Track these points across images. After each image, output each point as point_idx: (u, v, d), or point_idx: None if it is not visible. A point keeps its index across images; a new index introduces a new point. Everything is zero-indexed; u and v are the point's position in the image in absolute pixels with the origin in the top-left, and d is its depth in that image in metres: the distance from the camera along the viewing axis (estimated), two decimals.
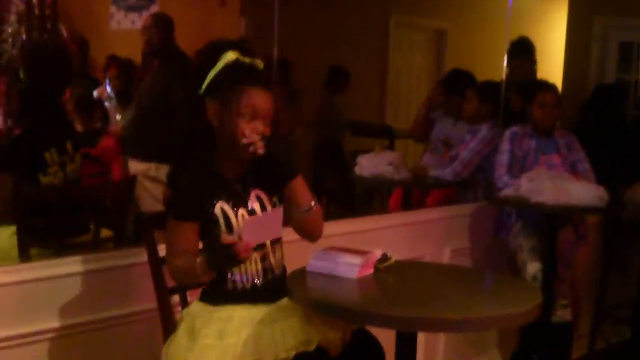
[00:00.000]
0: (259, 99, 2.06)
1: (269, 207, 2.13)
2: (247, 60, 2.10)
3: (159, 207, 3.53)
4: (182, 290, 2.33)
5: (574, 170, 3.72)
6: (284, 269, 2.20)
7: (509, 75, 4.39)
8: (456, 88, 4.30)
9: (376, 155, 4.11)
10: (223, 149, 2.11)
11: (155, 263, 2.27)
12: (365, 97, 6.33)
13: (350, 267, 2.04)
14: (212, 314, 2.09)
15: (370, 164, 4.01)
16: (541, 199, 3.37)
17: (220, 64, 2.07)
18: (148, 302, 2.40)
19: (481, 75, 4.42)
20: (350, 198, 4.77)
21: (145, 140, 3.82)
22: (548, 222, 3.55)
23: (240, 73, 2.08)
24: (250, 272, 2.14)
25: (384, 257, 2.18)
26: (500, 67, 4.43)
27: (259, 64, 2.13)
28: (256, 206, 2.13)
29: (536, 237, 3.71)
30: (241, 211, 2.09)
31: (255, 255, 2.13)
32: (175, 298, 2.32)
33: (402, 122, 6.02)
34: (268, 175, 2.13)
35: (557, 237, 3.57)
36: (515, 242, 3.77)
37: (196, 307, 2.15)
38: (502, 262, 3.86)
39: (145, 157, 3.81)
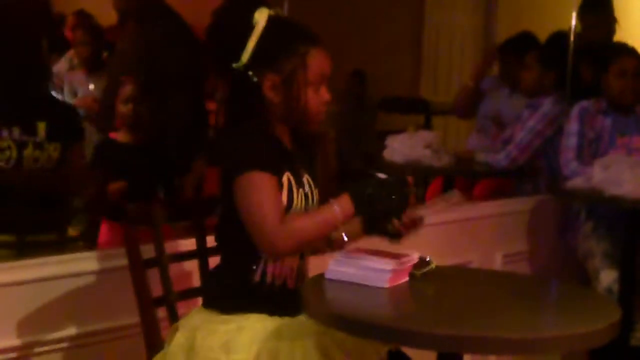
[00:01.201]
0: (326, 57, 2.11)
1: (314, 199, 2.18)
2: (277, 13, 2.12)
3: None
4: (170, 301, 2.34)
5: None
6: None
7: (579, 37, 4.37)
8: (513, 52, 4.29)
9: (410, 136, 4.11)
10: (286, 123, 2.14)
11: (138, 267, 2.28)
12: (396, 65, 6.33)
13: (380, 273, 2.04)
14: (218, 326, 2.10)
15: (403, 147, 4.02)
16: (619, 192, 3.37)
17: (259, 27, 2.07)
18: (128, 316, 2.41)
19: (544, 37, 4.41)
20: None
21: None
22: (627, 220, 3.54)
23: (291, 33, 2.10)
24: (286, 266, 2.15)
25: (423, 262, 2.18)
26: (568, 27, 4.40)
27: (282, 13, 2.16)
28: (309, 193, 2.16)
29: (611, 240, 3.70)
30: (301, 192, 2.12)
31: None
32: (162, 311, 2.33)
33: (442, 94, 6.03)
34: (314, 163, 2.22)
35: (639, 239, 3.56)
36: (586, 246, 3.77)
37: (198, 316, 2.17)
38: (568, 270, 3.86)
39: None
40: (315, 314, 1.99)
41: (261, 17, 2.08)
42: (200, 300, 2.29)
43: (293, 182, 2.12)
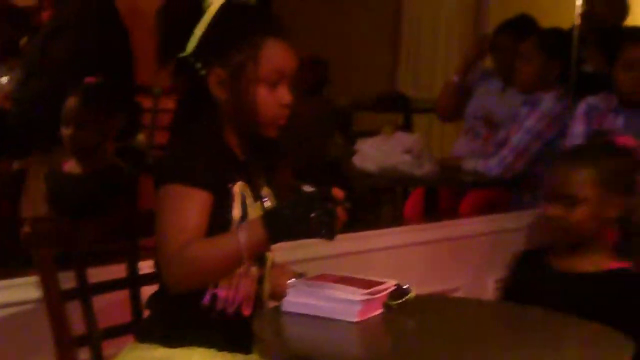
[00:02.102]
0: (285, 52, 2.11)
1: None
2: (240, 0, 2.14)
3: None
4: (94, 340, 2.31)
5: None
6: None
7: (585, 21, 4.39)
8: (507, 40, 4.30)
9: (386, 139, 4.11)
10: (234, 126, 2.15)
11: (54, 300, 2.24)
12: (370, 56, 6.36)
13: (348, 305, 2.03)
14: None
15: (377, 152, 4.02)
16: None
17: (209, 13, 2.09)
18: (42, 358, 2.37)
19: (544, 22, 4.43)
20: (348, 202, 4.77)
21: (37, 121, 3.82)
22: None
23: (245, 20, 2.11)
24: (242, 288, 2.14)
25: (400, 291, 2.16)
26: (572, 9, 4.43)
27: (252, 0, 2.18)
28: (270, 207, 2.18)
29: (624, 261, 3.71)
30: (257, 204, 2.14)
31: (254, 270, 2.15)
32: (85, 352, 2.29)
33: (423, 90, 6.06)
34: (273, 169, 2.23)
35: None
36: None
37: (131, 355, 2.16)
38: None
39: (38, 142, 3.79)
40: (270, 355, 1.97)
41: (216, 1, 2.10)
42: (131, 338, 2.25)
43: (248, 193, 2.12)
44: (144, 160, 4.81)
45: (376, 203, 5.17)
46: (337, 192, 1.97)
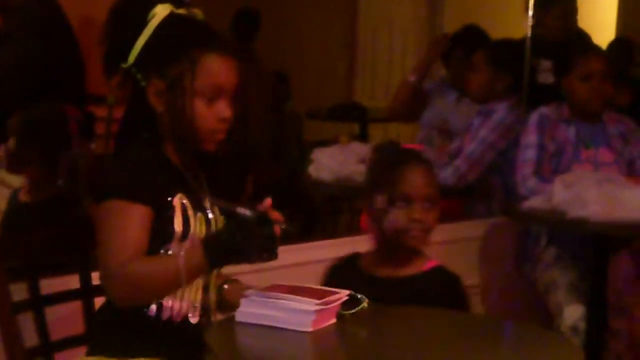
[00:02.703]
0: (222, 67, 2.13)
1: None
2: (183, 12, 2.15)
3: None
4: (47, 352, 2.30)
5: (632, 171, 3.77)
6: None
7: (536, 32, 4.43)
8: (458, 52, 4.32)
9: (341, 148, 4.11)
10: (171, 138, 2.16)
11: (6, 312, 2.23)
12: (325, 64, 6.35)
13: (302, 314, 2.03)
14: None
15: (333, 162, 4.01)
16: (584, 213, 3.40)
17: (151, 25, 2.12)
18: None
19: (496, 32, 4.46)
20: (303, 212, 4.76)
21: None
22: (595, 247, 3.58)
23: (185, 33, 2.12)
24: (186, 297, 2.15)
25: (353, 300, 2.17)
26: (524, 20, 4.46)
27: (199, 14, 2.19)
28: (213, 219, 2.19)
29: (576, 270, 3.74)
30: (199, 216, 2.14)
31: (198, 280, 2.15)
32: None
33: (379, 99, 6.06)
34: (225, 180, 2.22)
35: (608, 269, 3.60)
36: (547, 277, 3.80)
37: None
38: (526, 306, 3.89)
39: None
40: None
41: (160, 12, 2.12)
42: (84, 349, 2.24)
43: (188, 205, 2.13)
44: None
45: (334, 212, 5.16)
46: (275, 215, 1.99)
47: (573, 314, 3.65)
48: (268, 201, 2.03)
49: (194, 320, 2.17)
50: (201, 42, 2.12)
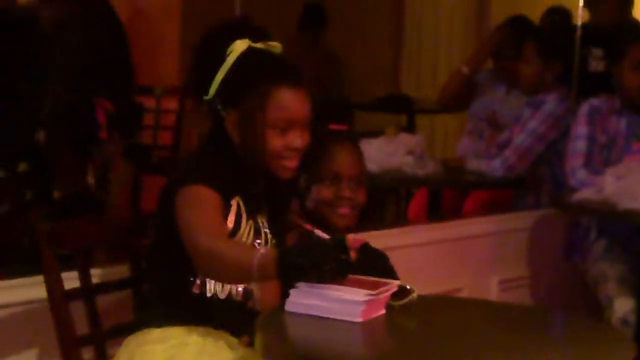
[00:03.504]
0: (293, 100, 2.23)
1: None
2: (261, 46, 2.25)
3: None
4: (98, 340, 2.34)
5: None
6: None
7: (588, 21, 4.39)
8: (507, 44, 4.30)
9: (389, 140, 4.11)
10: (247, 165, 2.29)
11: (58, 300, 2.26)
12: (372, 56, 6.34)
13: (352, 305, 2.03)
14: (156, 345, 2.14)
15: (380, 154, 4.01)
16: (635, 205, 3.38)
17: (230, 60, 2.23)
18: (47, 359, 2.38)
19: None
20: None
21: None
22: None
23: (259, 67, 2.22)
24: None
25: (403, 291, 2.17)
26: (575, 8, 4.43)
27: (277, 47, 2.29)
28: (262, 232, 2.29)
29: (627, 263, 3.71)
30: (250, 222, 2.25)
31: None
32: (89, 352, 2.32)
33: (426, 90, 6.04)
34: (279, 210, 2.33)
35: None
36: (597, 270, 3.78)
37: (129, 347, 2.19)
38: (576, 298, 3.87)
39: None
40: (273, 355, 1.97)
41: (238, 47, 2.23)
42: None
43: (243, 210, 2.23)
44: (149, 160, 4.80)
45: (380, 204, 5.16)
46: (352, 242, 2.00)
47: (623, 306, 3.63)
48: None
49: (238, 297, 2.24)
50: (273, 75, 2.21)
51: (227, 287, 2.23)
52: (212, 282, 2.21)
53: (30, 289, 2.45)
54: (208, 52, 2.27)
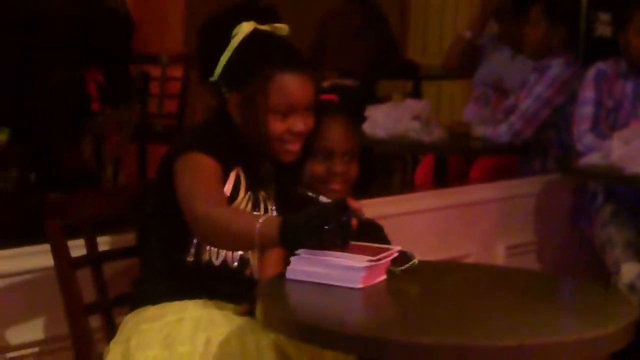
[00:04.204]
0: (295, 85, 2.23)
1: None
2: (266, 28, 2.26)
3: None
4: (104, 308, 2.36)
5: None
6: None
7: None
8: (513, 7, 4.28)
9: (395, 106, 4.12)
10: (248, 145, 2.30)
11: (64, 267, 2.28)
12: None
13: (352, 271, 2.03)
14: (153, 323, 2.16)
15: (387, 119, 4.02)
16: None
17: (234, 42, 2.24)
18: (54, 326, 2.41)
19: None
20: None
21: None
22: None
23: (262, 51, 2.23)
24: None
25: (403, 257, 2.17)
26: None
27: (283, 29, 2.29)
28: (262, 202, 2.30)
29: (634, 227, 3.72)
30: (249, 194, 2.26)
31: None
32: (96, 320, 2.34)
33: (433, 56, 6.02)
34: (282, 189, 2.34)
35: None
36: (604, 235, 3.78)
37: (129, 324, 2.22)
38: (583, 263, 3.88)
39: None
40: (274, 323, 1.98)
41: (243, 29, 2.23)
42: None
43: (243, 181, 2.24)
44: (153, 129, 4.81)
45: (386, 170, 5.17)
46: (353, 204, 2.02)
47: (630, 271, 3.64)
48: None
49: (233, 263, 2.26)
50: (276, 60, 2.22)
51: (222, 254, 2.24)
52: (207, 249, 2.23)
53: (36, 257, 2.46)
54: (214, 34, 2.28)
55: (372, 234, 2.35)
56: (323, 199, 2.20)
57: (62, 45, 3.48)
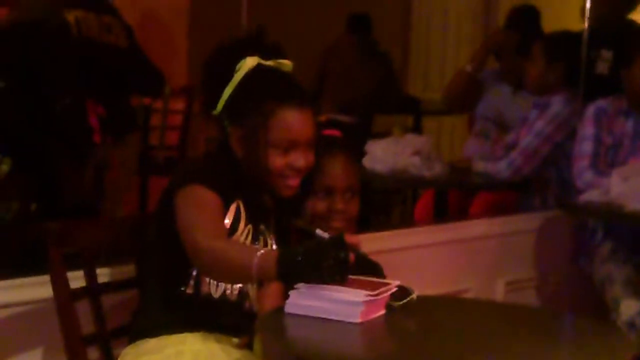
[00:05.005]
0: (297, 121, 2.24)
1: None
2: (270, 64, 2.27)
3: None
4: (103, 339, 2.35)
5: None
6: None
7: (596, 22, 4.38)
8: (512, 43, 4.31)
9: (395, 140, 4.12)
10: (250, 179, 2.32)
11: (64, 298, 2.29)
12: None
13: (351, 306, 2.03)
14: (151, 356, 2.16)
15: (387, 154, 4.02)
16: None
17: (237, 77, 2.26)
18: (52, 358, 2.41)
19: (552, 23, 4.42)
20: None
21: None
22: None
23: (265, 86, 2.24)
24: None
25: (402, 292, 2.17)
26: (582, 10, 4.42)
27: (287, 65, 2.30)
28: (261, 238, 2.32)
29: (633, 265, 3.72)
30: (249, 227, 2.26)
31: None
32: (94, 351, 2.33)
33: (433, 91, 6.04)
34: (282, 222, 2.35)
35: None
36: (603, 272, 3.78)
37: (128, 355, 2.22)
38: (582, 300, 3.88)
39: None
40: (273, 357, 1.99)
41: (246, 64, 2.25)
42: None
43: (243, 213, 2.25)
44: (154, 161, 4.81)
45: (387, 205, 5.16)
46: (351, 239, 2.02)
47: (629, 309, 3.63)
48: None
49: (233, 297, 2.26)
50: (278, 95, 2.23)
51: (222, 286, 2.24)
52: (207, 281, 2.23)
53: (35, 289, 2.47)
54: (218, 67, 2.29)
55: (371, 273, 2.34)
56: (319, 232, 2.19)
57: (64, 77, 3.51)
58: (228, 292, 2.25)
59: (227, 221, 2.22)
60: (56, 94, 3.48)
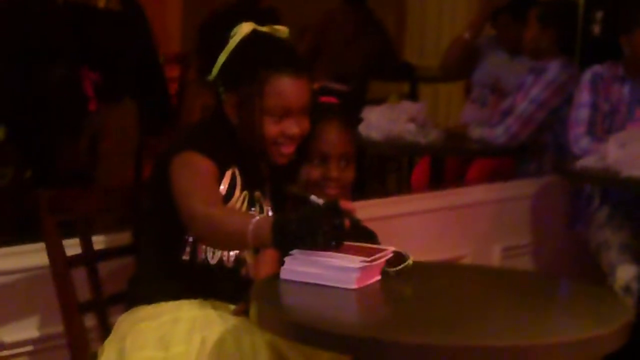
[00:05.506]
0: (291, 88, 2.22)
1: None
2: (266, 30, 2.25)
3: None
4: (99, 306, 2.36)
5: None
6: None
7: None
8: (514, 7, 4.30)
9: (391, 107, 4.12)
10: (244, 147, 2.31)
11: (60, 266, 2.29)
12: None
13: (346, 272, 2.03)
14: (148, 323, 2.17)
15: (383, 121, 4.02)
16: (638, 173, 3.38)
17: (232, 42, 2.24)
18: (49, 324, 2.42)
19: None
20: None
21: None
22: None
23: (260, 52, 2.22)
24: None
25: (398, 258, 2.17)
26: None
27: (283, 32, 2.28)
28: (257, 204, 2.31)
29: (630, 230, 3.73)
30: (245, 193, 2.26)
31: None
32: (91, 318, 2.35)
33: (429, 58, 6.01)
34: (279, 192, 2.34)
35: None
36: (599, 237, 3.79)
37: (123, 324, 2.22)
38: (578, 265, 3.89)
39: None
40: (268, 323, 1.99)
41: (242, 30, 2.23)
42: None
43: (238, 180, 2.25)
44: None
45: (382, 172, 5.17)
46: (346, 205, 2.01)
47: (625, 273, 3.64)
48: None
49: (229, 263, 2.27)
50: (273, 62, 2.21)
51: (218, 253, 2.25)
52: (203, 248, 2.23)
53: (32, 256, 2.47)
54: (213, 33, 2.30)
55: (366, 240, 2.34)
56: (314, 198, 2.16)
57: (59, 44, 3.49)
58: (224, 259, 2.26)
59: (223, 187, 2.22)
60: (48, 63, 3.46)
